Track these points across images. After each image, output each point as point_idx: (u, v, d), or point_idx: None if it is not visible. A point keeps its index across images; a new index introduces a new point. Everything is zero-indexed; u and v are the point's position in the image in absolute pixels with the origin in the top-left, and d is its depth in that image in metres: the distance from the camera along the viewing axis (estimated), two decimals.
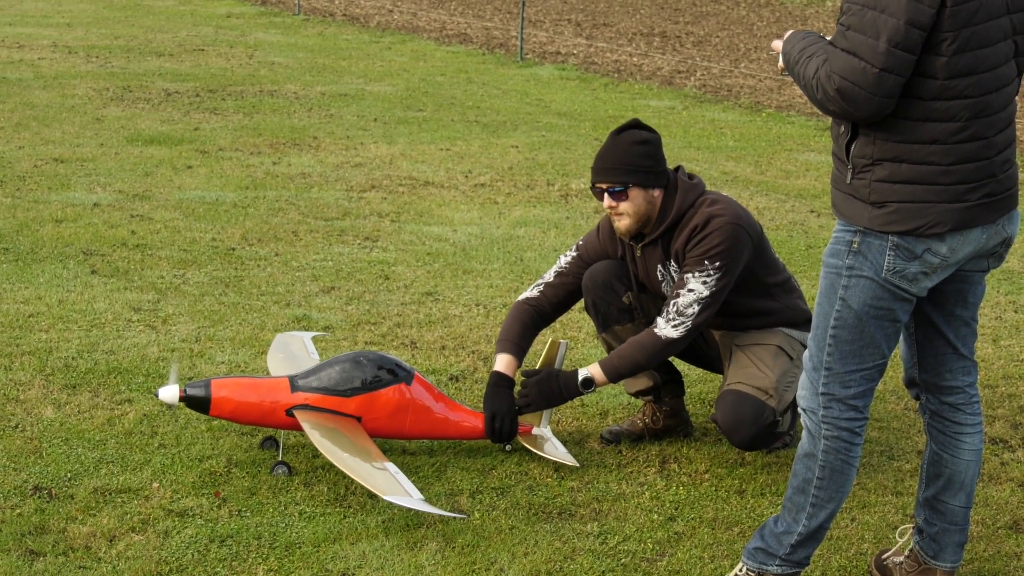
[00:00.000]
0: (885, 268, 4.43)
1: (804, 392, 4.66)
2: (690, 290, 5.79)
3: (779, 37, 4.66)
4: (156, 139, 12.85)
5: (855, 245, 4.45)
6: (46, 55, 18.10)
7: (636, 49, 21.17)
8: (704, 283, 5.78)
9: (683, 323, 5.80)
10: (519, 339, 6.13)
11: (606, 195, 5.88)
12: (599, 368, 5.92)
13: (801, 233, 10.24)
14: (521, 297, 6.24)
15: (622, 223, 5.91)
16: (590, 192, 11.06)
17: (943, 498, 4.88)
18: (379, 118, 14.58)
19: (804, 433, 4.68)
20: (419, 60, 19.48)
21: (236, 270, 8.70)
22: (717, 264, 5.78)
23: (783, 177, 12.41)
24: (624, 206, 5.86)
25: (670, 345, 5.85)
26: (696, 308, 5.79)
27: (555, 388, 5.96)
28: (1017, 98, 4.54)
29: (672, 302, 5.82)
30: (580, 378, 5.92)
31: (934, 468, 4.89)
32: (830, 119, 4.76)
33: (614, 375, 5.92)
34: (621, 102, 16.44)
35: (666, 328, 5.81)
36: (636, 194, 5.85)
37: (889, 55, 4.20)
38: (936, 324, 4.72)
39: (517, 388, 6.05)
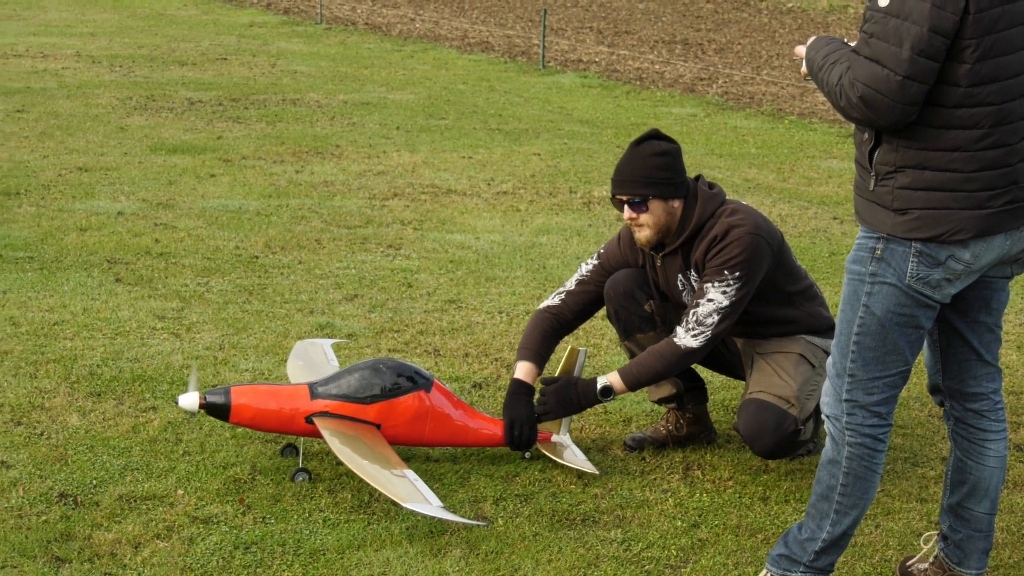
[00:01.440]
0: (908, 275, 4.42)
1: (828, 399, 4.66)
2: (710, 300, 5.79)
3: (803, 43, 4.66)
4: (179, 148, 12.89)
5: (878, 252, 4.45)
6: (70, 65, 18.17)
7: (658, 57, 21.17)
8: (724, 293, 5.78)
9: (702, 333, 5.80)
10: (539, 347, 6.13)
11: (626, 207, 5.88)
12: (618, 376, 5.92)
13: (824, 240, 10.23)
14: (542, 305, 6.25)
15: (642, 234, 5.91)
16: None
17: (968, 505, 4.88)
18: (401, 126, 14.61)
19: (828, 440, 4.68)
20: (441, 68, 19.50)
21: (259, 278, 8.72)
22: (737, 274, 5.78)
23: (805, 184, 12.40)
24: (644, 218, 5.86)
25: (689, 354, 5.84)
26: (716, 318, 5.79)
27: (573, 396, 5.96)
28: None
29: (692, 311, 5.82)
30: (599, 386, 5.92)
31: (959, 475, 4.88)
32: (852, 126, 4.76)
33: (633, 384, 5.92)
34: (643, 109, 16.44)
35: (685, 338, 5.81)
36: (656, 206, 5.85)
37: (912, 62, 4.20)
38: (960, 331, 4.71)
39: (537, 396, 6.06)
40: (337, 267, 9.04)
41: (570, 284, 6.25)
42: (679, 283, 6.00)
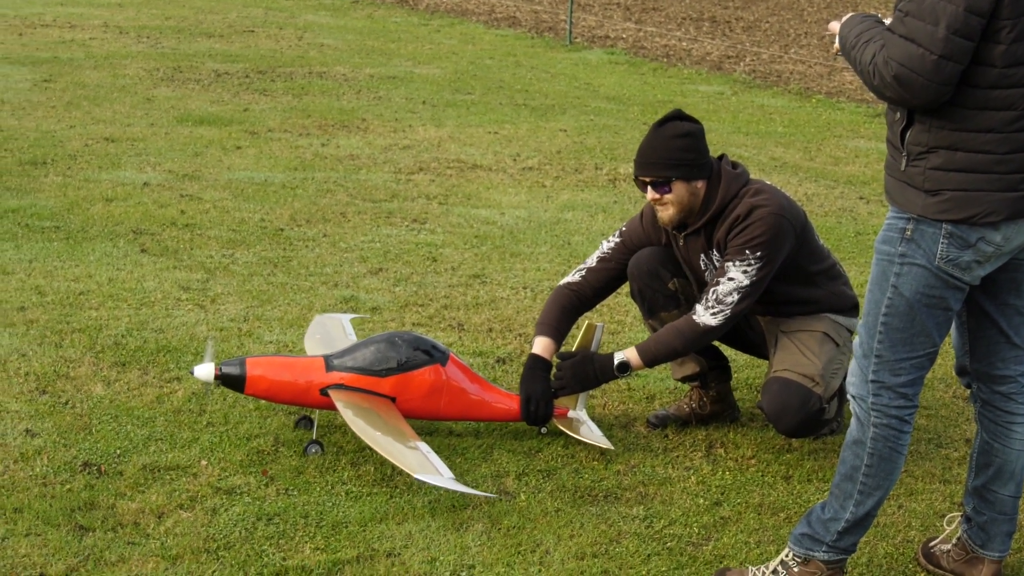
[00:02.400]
0: (938, 256, 4.40)
1: (853, 379, 4.65)
2: (730, 279, 5.77)
3: (837, 19, 4.63)
4: (206, 119, 12.90)
5: (908, 233, 4.43)
6: (97, 35, 18.19)
7: (685, 34, 21.10)
8: (744, 272, 5.77)
9: (722, 311, 5.79)
10: (557, 323, 6.12)
11: (649, 188, 5.87)
12: (635, 352, 5.91)
13: (850, 220, 10.19)
14: (563, 282, 6.24)
15: (665, 214, 5.90)
16: None
17: (992, 487, 4.86)
18: (427, 101, 14.59)
19: (853, 420, 4.67)
20: (468, 43, 19.47)
21: (284, 250, 8.73)
22: (759, 254, 5.76)
23: (832, 163, 12.36)
24: (667, 198, 5.85)
25: (708, 332, 5.84)
26: (735, 297, 5.77)
27: (590, 371, 5.96)
28: None
29: (712, 290, 5.81)
30: (616, 362, 5.91)
31: (984, 457, 4.86)
32: (881, 105, 4.73)
33: (650, 360, 5.91)
34: (670, 87, 16.40)
35: (704, 315, 5.80)
36: (679, 187, 5.83)
37: (948, 42, 4.17)
38: (989, 313, 4.69)
39: (554, 371, 6.06)
40: (362, 240, 9.05)
41: (591, 261, 6.24)
42: (701, 263, 5.99)
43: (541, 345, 6.07)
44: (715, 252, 5.92)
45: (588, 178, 11.27)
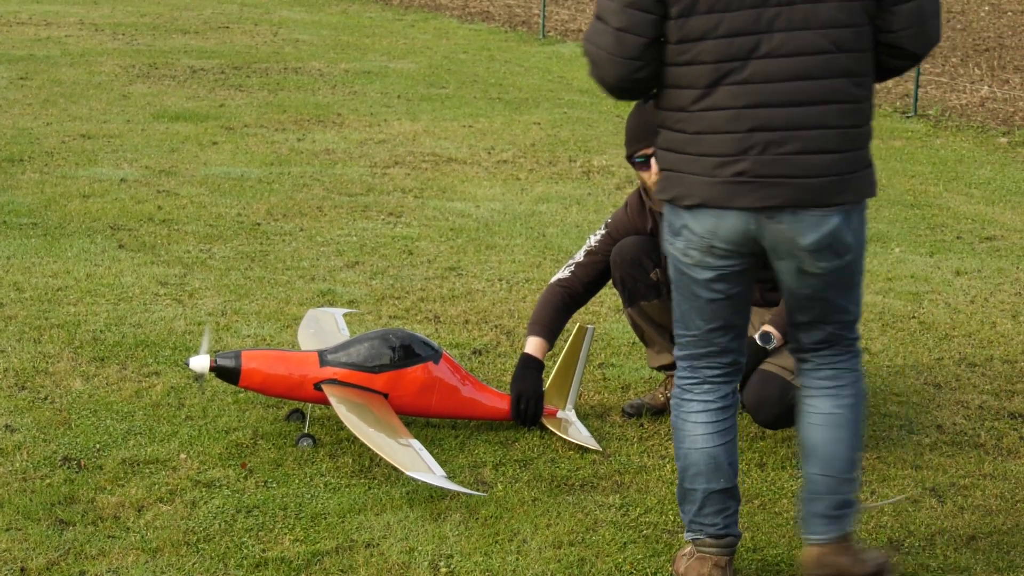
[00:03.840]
0: (667, 240, 4.47)
1: None
2: None
3: None
4: (182, 115, 12.92)
5: (663, 213, 4.53)
6: (73, 32, 18.18)
7: None
8: None
9: None
10: (550, 322, 6.16)
11: (654, 161, 5.89)
12: (772, 327, 5.90)
13: None
14: (553, 279, 6.27)
15: None
16: (611, 170, 11.09)
17: (806, 466, 4.68)
18: (402, 95, 14.63)
19: None
20: (442, 38, 19.50)
21: (261, 245, 8.76)
22: None
23: None
24: None
25: None
26: None
27: None
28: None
29: None
30: (756, 336, 5.89)
31: (798, 438, 4.77)
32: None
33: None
34: None
35: None
36: None
37: (623, 13, 4.22)
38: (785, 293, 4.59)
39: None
40: (338, 234, 9.09)
41: (579, 256, 6.29)
42: None
43: (533, 345, 6.10)
44: None
45: (562, 171, 11.32)
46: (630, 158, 6.00)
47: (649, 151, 5.85)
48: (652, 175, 5.91)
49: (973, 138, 13.66)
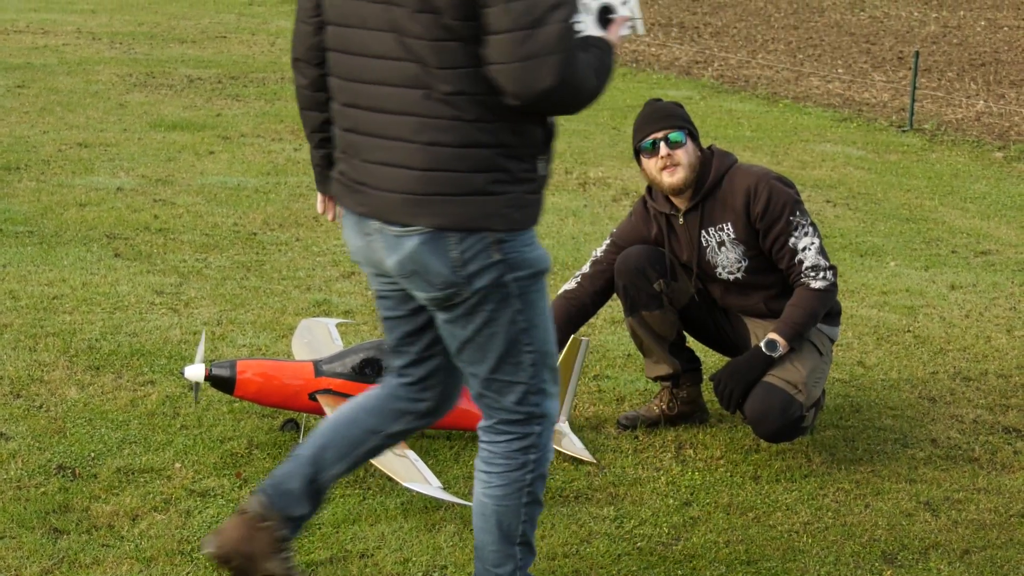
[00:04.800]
0: None
1: None
2: (803, 248, 5.92)
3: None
4: (179, 125, 12.92)
5: None
6: (70, 41, 18.18)
7: (654, 39, 21.18)
8: (805, 234, 5.93)
9: (822, 274, 5.91)
10: (556, 333, 6.15)
11: (663, 145, 5.91)
12: (777, 335, 5.91)
13: (817, 223, 10.27)
14: (560, 291, 6.29)
15: (677, 176, 5.96)
16: (607, 182, 11.09)
17: None
18: None
19: None
20: None
21: (257, 255, 8.77)
22: (796, 212, 5.93)
23: (799, 167, 12.45)
24: (680, 154, 5.94)
25: (830, 290, 5.94)
26: (819, 256, 5.91)
27: (742, 365, 5.96)
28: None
29: (800, 269, 5.92)
30: (762, 344, 5.93)
31: None
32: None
33: (796, 335, 5.91)
34: (639, 92, 16.47)
35: (815, 283, 5.91)
36: (690, 145, 6.00)
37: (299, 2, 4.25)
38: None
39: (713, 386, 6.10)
40: (334, 244, 9.09)
41: (585, 267, 6.32)
42: (703, 239, 6.05)
43: None
44: (727, 225, 6.01)
45: (559, 182, 11.33)
46: (637, 151, 6.03)
47: (660, 135, 5.89)
48: (659, 160, 5.94)
49: (969, 152, 13.68)
